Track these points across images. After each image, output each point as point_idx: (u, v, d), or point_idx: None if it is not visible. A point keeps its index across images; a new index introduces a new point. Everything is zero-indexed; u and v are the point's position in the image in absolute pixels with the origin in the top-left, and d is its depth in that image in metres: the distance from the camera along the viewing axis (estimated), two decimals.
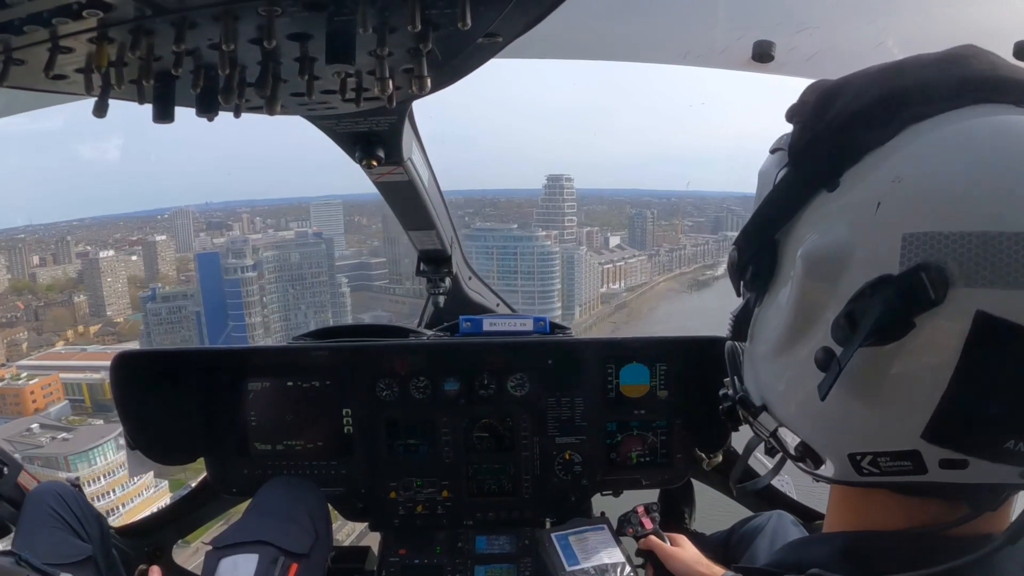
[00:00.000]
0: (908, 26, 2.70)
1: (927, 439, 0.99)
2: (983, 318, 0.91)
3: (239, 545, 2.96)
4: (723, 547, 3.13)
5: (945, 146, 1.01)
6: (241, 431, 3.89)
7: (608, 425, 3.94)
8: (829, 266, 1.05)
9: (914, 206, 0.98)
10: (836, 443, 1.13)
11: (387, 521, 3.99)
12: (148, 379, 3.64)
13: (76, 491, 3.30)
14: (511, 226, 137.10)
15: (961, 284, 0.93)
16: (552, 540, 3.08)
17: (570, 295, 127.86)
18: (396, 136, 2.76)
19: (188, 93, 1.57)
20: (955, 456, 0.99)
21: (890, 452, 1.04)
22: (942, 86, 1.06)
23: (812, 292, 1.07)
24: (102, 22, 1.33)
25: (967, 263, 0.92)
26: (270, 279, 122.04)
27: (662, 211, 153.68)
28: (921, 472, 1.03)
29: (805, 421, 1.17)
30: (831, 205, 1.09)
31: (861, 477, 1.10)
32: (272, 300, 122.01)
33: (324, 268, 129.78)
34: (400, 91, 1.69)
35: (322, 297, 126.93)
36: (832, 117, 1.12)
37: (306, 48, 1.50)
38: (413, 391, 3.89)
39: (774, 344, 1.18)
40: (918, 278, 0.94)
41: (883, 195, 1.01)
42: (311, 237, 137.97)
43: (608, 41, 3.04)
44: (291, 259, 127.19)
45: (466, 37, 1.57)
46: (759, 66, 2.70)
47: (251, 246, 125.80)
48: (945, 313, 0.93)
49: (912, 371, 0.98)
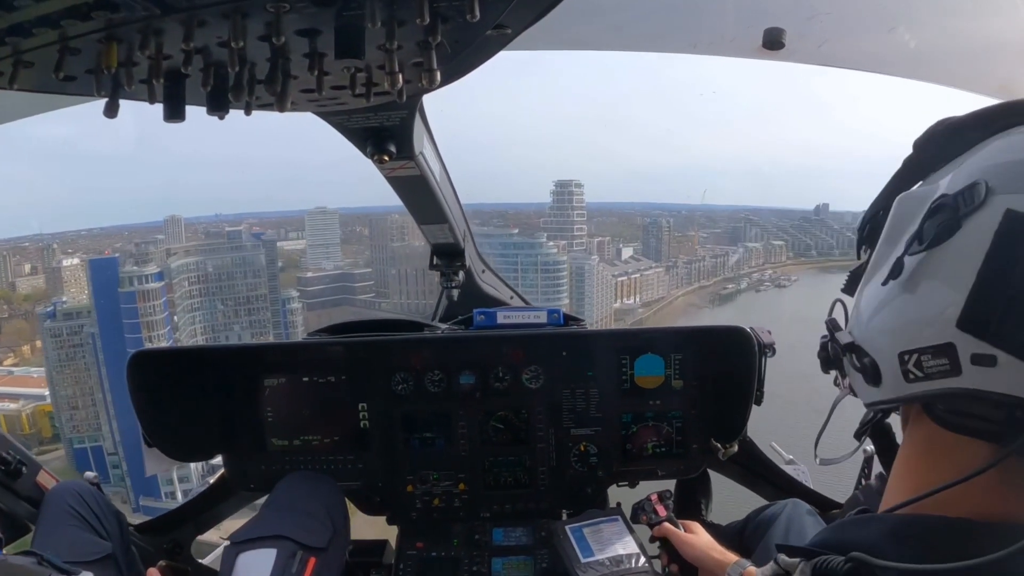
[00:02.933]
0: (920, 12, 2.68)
1: (961, 327, 1.16)
2: (1011, 214, 1.13)
3: (257, 540, 2.98)
4: (738, 536, 3.13)
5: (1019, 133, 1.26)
6: (258, 427, 3.91)
7: (623, 416, 3.93)
8: (914, 202, 1.33)
9: (983, 158, 1.25)
10: (890, 343, 1.30)
11: (404, 515, 4.00)
12: (164, 377, 3.66)
13: (95, 489, 3.33)
14: (511, 231, 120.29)
15: (999, 192, 1.16)
16: (567, 532, 3.09)
17: (579, 311, 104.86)
18: (407, 130, 2.76)
19: (198, 91, 1.57)
20: (985, 350, 1.13)
21: (931, 347, 1.20)
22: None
23: (897, 224, 1.35)
24: (111, 22, 1.34)
25: (1005, 179, 1.17)
26: (188, 291, 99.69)
27: (676, 222, 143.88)
28: (956, 372, 1.17)
29: (871, 329, 1.38)
30: (932, 178, 1.37)
31: (908, 384, 1.26)
32: (192, 319, 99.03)
33: (263, 278, 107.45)
34: (410, 85, 1.69)
35: (262, 315, 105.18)
36: (948, 123, 1.39)
37: (315, 44, 1.50)
38: (428, 385, 3.89)
39: (866, 277, 1.43)
40: (968, 191, 1.19)
41: (967, 160, 1.28)
42: (248, 238, 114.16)
43: (616, 32, 3.03)
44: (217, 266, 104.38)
45: (475, 29, 1.57)
46: (769, 53, 2.68)
47: (165, 248, 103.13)
48: (983, 214, 1.16)
49: (954, 265, 1.18)
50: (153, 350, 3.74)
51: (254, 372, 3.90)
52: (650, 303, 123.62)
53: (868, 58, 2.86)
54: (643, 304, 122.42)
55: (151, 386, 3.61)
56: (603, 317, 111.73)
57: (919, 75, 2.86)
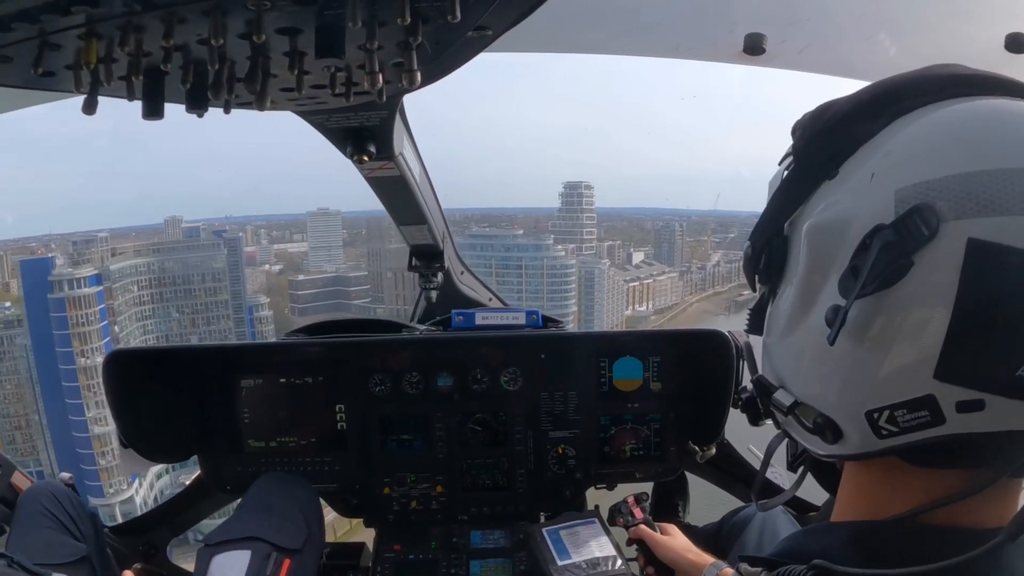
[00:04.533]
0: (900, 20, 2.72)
1: (940, 378, 1.02)
2: (975, 244, 0.98)
3: (231, 542, 2.96)
4: (714, 538, 3.15)
5: (929, 121, 1.13)
6: (234, 428, 3.88)
7: (601, 419, 3.94)
8: (831, 234, 1.14)
9: (902, 166, 1.09)
10: (852, 403, 1.14)
11: (381, 517, 3.99)
12: (141, 377, 3.63)
13: (70, 490, 3.30)
14: (515, 232, 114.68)
15: (951, 218, 1.00)
16: (543, 535, 3.09)
17: (588, 318, 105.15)
18: (387, 131, 2.75)
19: (178, 89, 1.56)
20: (971, 396, 1.02)
21: (906, 402, 1.06)
22: (930, 83, 1.17)
23: (817, 261, 1.16)
24: (90, 18, 1.33)
25: (954, 199, 1.01)
26: (137, 297, 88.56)
27: (688, 227, 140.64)
28: (939, 422, 1.05)
29: (820, 387, 1.21)
30: (832, 190, 1.19)
31: (880, 440, 1.12)
32: (143, 329, 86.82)
33: (224, 282, 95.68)
34: (390, 85, 1.69)
35: (224, 323, 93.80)
36: (829, 117, 1.23)
37: (295, 42, 1.50)
38: (406, 386, 3.88)
39: (786, 321, 1.25)
40: (911, 219, 1.02)
41: (875, 167, 1.12)
42: (209, 236, 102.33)
43: (598, 35, 3.04)
44: (171, 268, 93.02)
45: (456, 30, 1.57)
46: (750, 58, 2.70)
47: (109, 248, 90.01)
48: (939, 246, 1.01)
49: (917, 310, 1.04)
50: (130, 349, 3.71)
51: (231, 373, 3.87)
52: (663, 310, 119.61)
53: (847, 65, 2.89)
54: (656, 311, 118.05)
55: (127, 386, 3.58)
56: (614, 325, 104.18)
57: None
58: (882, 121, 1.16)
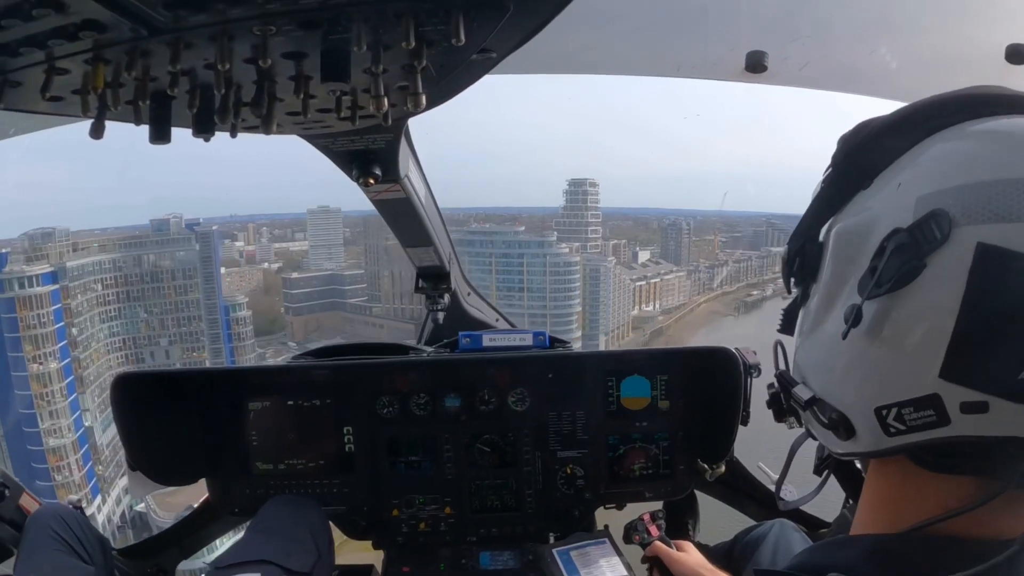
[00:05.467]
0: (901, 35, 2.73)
1: (945, 377, 1.05)
2: (983, 248, 1.01)
3: (241, 565, 2.94)
4: (727, 557, 3.13)
5: (958, 135, 1.17)
6: (242, 451, 3.89)
7: (610, 438, 3.93)
8: (856, 237, 1.20)
9: (926, 176, 1.13)
10: (863, 399, 1.18)
11: (390, 539, 3.98)
12: (148, 400, 3.63)
13: (78, 513, 3.30)
14: (517, 228, 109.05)
15: (963, 223, 1.04)
16: (553, 555, 3.08)
17: (594, 319, 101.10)
18: (393, 154, 2.77)
19: (184, 113, 1.58)
20: (975, 397, 1.04)
21: (913, 400, 1.10)
22: (966, 102, 1.21)
23: (841, 262, 1.23)
24: (97, 43, 1.34)
25: (968, 206, 1.04)
26: (102, 296, 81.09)
27: (695, 226, 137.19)
28: (944, 422, 1.07)
29: (835, 383, 1.25)
30: (864, 199, 1.24)
31: (889, 438, 1.15)
32: (109, 331, 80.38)
33: (197, 279, 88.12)
34: (396, 108, 1.70)
35: (196, 325, 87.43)
36: (867, 132, 1.27)
37: (301, 67, 1.51)
38: (414, 408, 3.88)
39: (812, 321, 1.31)
40: (926, 223, 1.06)
41: (903, 177, 1.17)
42: (180, 230, 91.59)
43: (601, 55, 3.06)
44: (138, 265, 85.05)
45: (460, 53, 1.58)
46: (752, 76, 2.71)
47: (70, 243, 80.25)
48: (950, 250, 1.04)
49: (926, 310, 1.07)
50: (137, 372, 3.71)
51: (239, 395, 3.88)
52: (670, 310, 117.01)
53: (849, 80, 2.90)
54: (663, 311, 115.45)
55: (135, 409, 3.59)
56: (620, 326, 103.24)
57: (899, 96, 2.91)
58: (917, 136, 1.20)
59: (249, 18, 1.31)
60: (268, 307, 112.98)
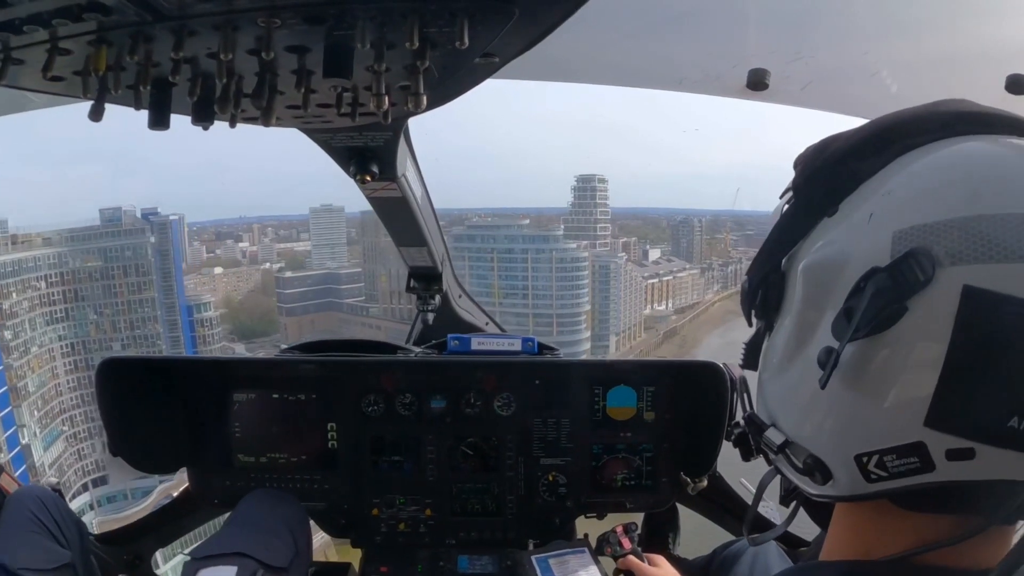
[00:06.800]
0: (903, 56, 2.74)
1: (930, 426, 1.01)
2: (970, 291, 0.96)
3: (218, 556, 2.94)
4: (703, 572, 3.13)
5: (930, 160, 1.11)
6: (225, 442, 3.87)
7: (594, 447, 3.92)
8: (827, 273, 1.13)
9: (902, 208, 1.07)
10: (842, 446, 1.13)
11: (369, 538, 3.96)
12: (133, 386, 3.62)
13: (57, 496, 3.28)
14: (521, 221, 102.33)
15: (947, 264, 0.98)
16: (532, 562, 3.08)
17: (603, 319, 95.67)
18: (391, 152, 2.77)
19: (184, 101, 1.58)
20: (961, 444, 1.00)
21: (896, 448, 1.05)
22: (934, 120, 1.16)
23: (812, 300, 1.15)
24: (102, 25, 1.34)
25: (952, 245, 0.99)
26: (46, 295, 73.11)
27: (706, 225, 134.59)
28: (929, 469, 1.03)
29: (811, 428, 1.19)
30: (831, 228, 1.18)
31: (869, 484, 1.10)
32: (56, 334, 72.09)
33: (155, 276, 79.83)
34: (396, 107, 1.70)
35: (152, 327, 78.47)
36: (830, 153, 1.21)
37: (304, 61, 1.51)
38: (399, 407, 3.87)
39: (780, 359, 1.24)
40: (907, 264, 1.00)
41: (875, 207, 1.11)
42: (136, 220, 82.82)
43: (603, 66, 3.07)
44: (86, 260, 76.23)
45: (463, 57, 1.59)
46: (753, 94, 2.73)
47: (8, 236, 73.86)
48: (934, 293, 0.99)
49: (909, 356, 1.02)
50: (123, 358, 3.69)
51: (224, 386, 3.86)
52: (683, 309, 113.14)
53: (850, 102, 2.92)
54: (676, 311, 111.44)
55: (118, 395, 3.57)
56: (632, 326, 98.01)
57: None
58: (884, 158, 1.15)
59: (254, 10, 1.32)
60: (265, 307, 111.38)
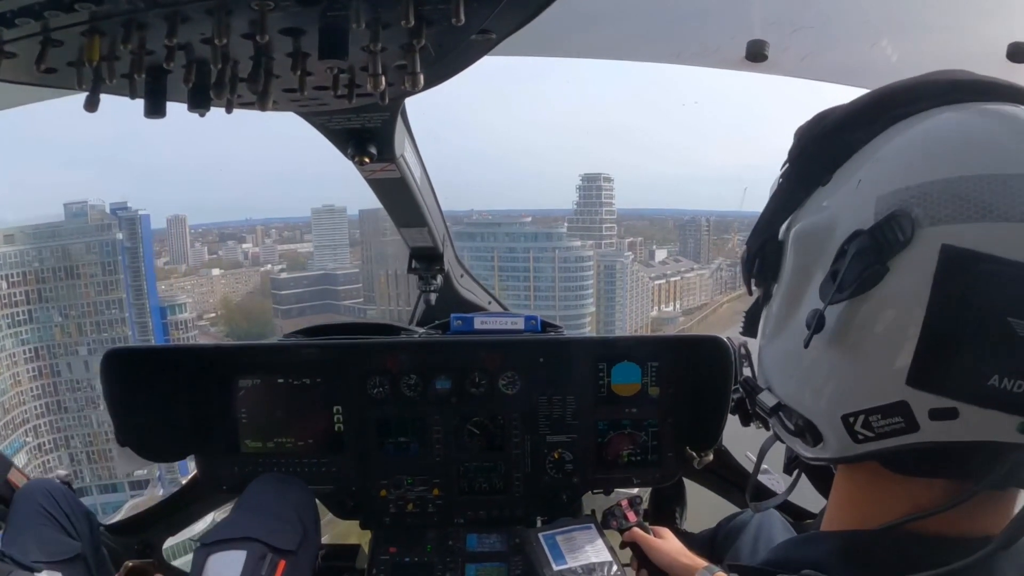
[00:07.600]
0: (903, 28, 2.72)
1: (912, 385, 1.03)
2: (948, 250, 0.99)
3: (227, 541, 2.95)
4: (709, 544, 3.14)
5: (921, 127, 1.13)
6: (231, 428, 3.88)
7: (599, 424, 3.94)
8: (816, 239, 1.17)
9: (887, 172, 1.10)
10: (829, 406, 1.16)
11: (377, 519, 3.98)
12: (138, 376, 3.63)
13: (66, 488, 3.30)
14: (523, 219, 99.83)
15: (926, 224, 1.01)
16: (539, 539, 3.09)
17: (609, 319, 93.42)
18: (389, 133, 2.75)
19: (180, 88, 1.56)
20: (943, 403, 1.02)
21: (880, 407, 1.08)
22: (927, 89, 1.19)
23: (803, 266, 1.19)
24: (94, 15, 1.33)
25: (931, 206, 1.02)
26: (7, 297, 68.73)
27: (713, 225, 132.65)
28: (913, 429, 1.05)
29: (800, 389, 1.23)
30: (823, 196, 1.21)
31: (857, 445, 1.13)
32: (16, 338, 68.01)
33: (123, 275, 74.13)
34: (393, 88, 1.69)
35: (120, 329, 72.47)
36: (825, 124, 1.24)
37: (299, 43, 1.50)
38: (404, 389, 3.88)
39: (774, 325, 1.29)
40: (888, 225, 1.04)
41: (863, 174, 1.14)
42: (104, 215, 77.24)
43: (600, 40, 3.04)
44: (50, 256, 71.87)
45: (459, 33, 1.58)
46: (752, 65, 2.70)
47: None
48: (914, 253, 1.02)
49: (891, 316, 1.05)
50: (127, 348, 3.71)
51: (228, 372, 3.87)
52: (692, 310, 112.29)
53: (850, 72, 2.89)
54: (684, 312, 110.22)
55: (124, 384, 3.58)
56: (639, 328, 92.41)
57: None
58: (877, 127, 1.17)
59: None
60: (262, 309, 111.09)
